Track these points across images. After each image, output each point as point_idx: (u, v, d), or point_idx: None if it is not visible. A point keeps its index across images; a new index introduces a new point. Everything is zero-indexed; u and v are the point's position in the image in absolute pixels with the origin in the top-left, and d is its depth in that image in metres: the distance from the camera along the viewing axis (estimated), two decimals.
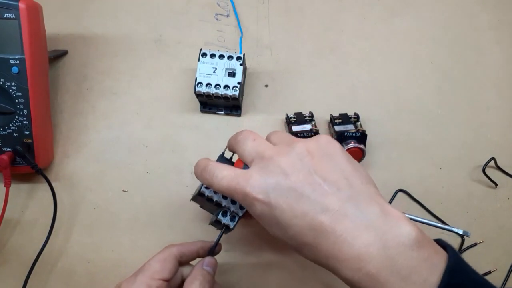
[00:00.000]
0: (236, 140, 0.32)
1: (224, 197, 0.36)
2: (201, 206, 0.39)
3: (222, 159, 0.36)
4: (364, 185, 0.28)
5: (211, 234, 0.40)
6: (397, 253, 0.25)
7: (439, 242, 0.28)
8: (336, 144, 0.30)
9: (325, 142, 0.30)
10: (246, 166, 0.31)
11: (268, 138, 0.33)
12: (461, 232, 0.33)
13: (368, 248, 0.25)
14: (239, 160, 0.34)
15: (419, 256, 0.25)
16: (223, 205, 0.36)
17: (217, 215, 0.35)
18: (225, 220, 0.35)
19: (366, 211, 0.26)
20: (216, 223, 0.36)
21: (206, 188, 0.35)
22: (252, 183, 0.28)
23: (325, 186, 0.27)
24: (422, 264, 0.25)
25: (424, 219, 0.34)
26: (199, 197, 0.36)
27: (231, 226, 0.35)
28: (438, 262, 0.25)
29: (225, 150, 0.36)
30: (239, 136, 0.32)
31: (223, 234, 0.36)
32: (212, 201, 0.36)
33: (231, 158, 0.37)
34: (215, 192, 0.35)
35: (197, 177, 0.33)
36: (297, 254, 0.29)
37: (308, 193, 0.27)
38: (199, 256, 0.36)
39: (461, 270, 0.25)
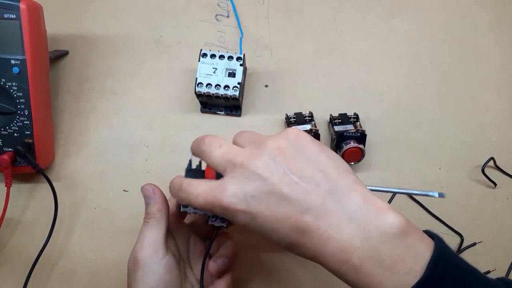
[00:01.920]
0: (201, 149, 0.31)
1: None
2: None
3: (192, 172, 0.34)
4: (341, 175, 0.27)
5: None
6: (379, 243, 0.25)
7: (427, 233, 0.27)
8: (305, 136, 0.29)
9: (294, 136, 0.29)
10: (218, 173, 0.30)
11: (234, 141, 0.31)
12: (436, 195, 0.30)
13: (352, 240, 0.25)
14: (208, 167, 0.32)
15: (402, 245, 0.25)
16: (208, 215, 0.34)
17: (208, 219, 0.34)
18: (217, 222, 0.34)
19: (347, 203, 0.26)
20: (211, 224, 0.35)
21: (185, 206, 0.33)
22: (229, 195, 0.27)
23: (302, 184, 0.26)
24: (406, 252, 0.25)
25: (390, 188, 0.32)
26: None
27: (225, 226, 0.34)
28: (424, 250, 0.25)
29: (189, 161, 0.34)
30: (202, 145, 0.31)
31: (219, 230, 0.35)
32: (197, 214, 0.34)
33: (200, 166, 0.35)
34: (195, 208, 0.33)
35: (174, 197, 0.32)
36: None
37: (287, 194, 0.26)
38: None
39: (447, 259, 0.25)
